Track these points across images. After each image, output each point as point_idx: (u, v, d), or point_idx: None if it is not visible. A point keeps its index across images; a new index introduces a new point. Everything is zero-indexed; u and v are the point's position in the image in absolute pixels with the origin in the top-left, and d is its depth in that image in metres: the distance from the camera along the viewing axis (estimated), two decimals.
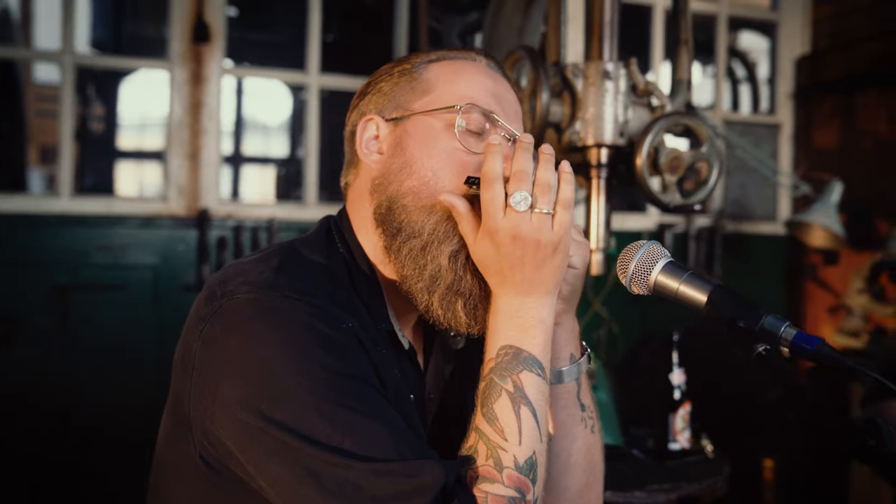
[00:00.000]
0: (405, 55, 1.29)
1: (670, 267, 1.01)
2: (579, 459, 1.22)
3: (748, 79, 5.26)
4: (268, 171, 4.86)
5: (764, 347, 0.90)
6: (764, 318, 0.92)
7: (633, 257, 1.02)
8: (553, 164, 1.06)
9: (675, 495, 1.78)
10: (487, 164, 1.05)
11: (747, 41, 5.49)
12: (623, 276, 1.04)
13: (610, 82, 2.02)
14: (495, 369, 1.04)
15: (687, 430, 2.02)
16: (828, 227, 3.51)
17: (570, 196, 1.05)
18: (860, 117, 3.85)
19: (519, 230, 1.02)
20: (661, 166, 2.02)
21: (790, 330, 0.92)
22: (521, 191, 1.03)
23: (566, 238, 1.05)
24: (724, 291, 0.96)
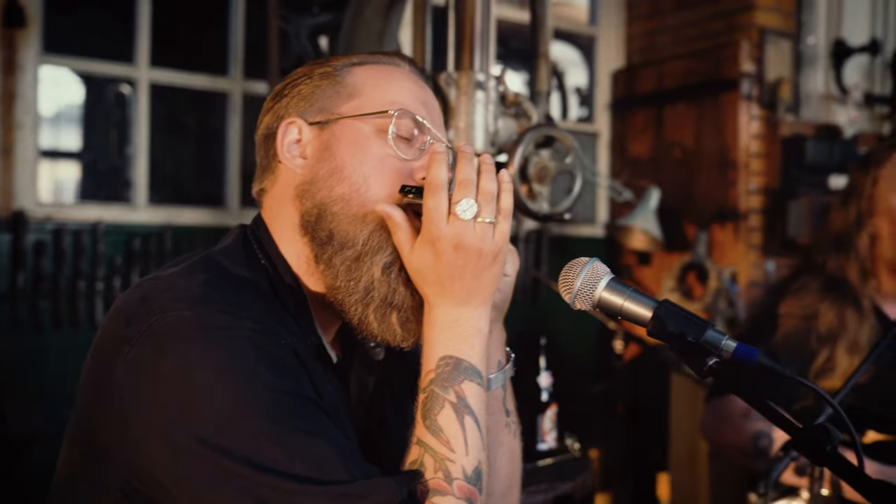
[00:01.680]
0: (322, 58, 1.25)
1: (614, 284, 1.04)
2: (504, 464, 1.24)
3: (558, 87, 5.56)
4: (93, 170, 4.48)
5: (715, 361, 0.95)
6: (707, 332, 0.98)
7: (577, 275, 1.05)
8: (494, 174, 1.06)
9: (552, 494, 1.85)
10: (434, 172, 1.03)
11: (557, 51, 5.79)
12: (567, 293, 1.06)
13: (482, 92, 2.06)
14: (436, 380, 1.03)
15: (554, 430, 2.10)
16: (647, 230, 3.78)
17: (510, 206, 1.06)
18: (669, 129, 4.18)
19: (462, 239, 1.02)
20: (529, 176, 2.09)
21: (730, 343, 0.98)
22: (467, 199, 1.02)
23: (505, 247, 1.06)
24: (669, 307, 1.00)
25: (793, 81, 3.97)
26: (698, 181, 4.03)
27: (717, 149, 3.94)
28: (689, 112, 4.08)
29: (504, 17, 3.95)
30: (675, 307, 1.01)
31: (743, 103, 3.84)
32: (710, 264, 3.86)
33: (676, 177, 4.11)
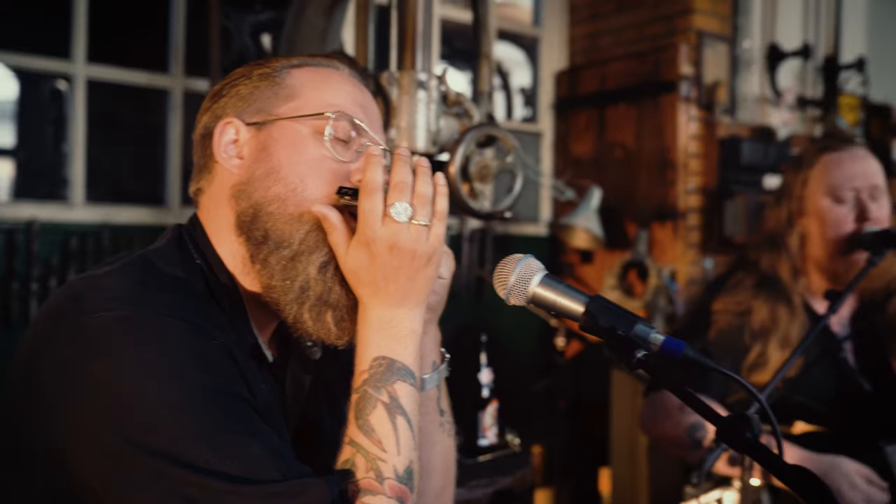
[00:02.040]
0: (262, 59, 1.25)
1: (548, 280, 1.07)
2: (438, 464, 1.26)
3: (503, 88, 5.61)
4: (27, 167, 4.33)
5: (643, 353, 0.98)
6: (636, 326, 1.01)
7: (511, 271, 1.07)
8: (430, 178, 1.08)
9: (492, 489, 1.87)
10: (369, 174, 1.05)
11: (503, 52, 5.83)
12: (501, 289, 1.08)
13: (423, 92, 2.07)
14: (369, 381, 1.04)
15: (495, 426, 2.13)
16: (589, 229, 3.84)
17: (445, 209, 1.08)
18: (611, 129, 4.25)
19: (397, 240, 1.03)
20: (470, 175, 2.11)
21: (658, 336, 1.01)
22: (401, 201, 1.04)
23: (440, 249, 1.08)
24: (600, 302, 1.03)
25: (729, 84, 4.07)
26: (639, 181, 4.11)
27: (656, 149, 4.02)
28: (630, 113, 4.15)
29: (448, 18, 3.98)
30: (606, 302, 1.04)
31: (682, 105, 3.92)
32: (650, 262, 3.94)
33: (618, 176, 4.19)
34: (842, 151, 2.18)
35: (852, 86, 4.46)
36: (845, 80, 4.44)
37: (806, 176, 2.21)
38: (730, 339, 2.21)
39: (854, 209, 2.12)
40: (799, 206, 2.21)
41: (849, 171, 2.14)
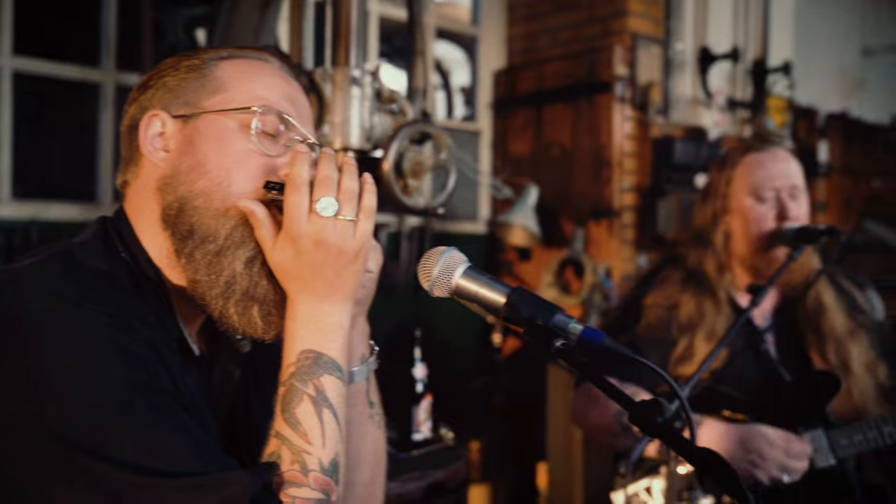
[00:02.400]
0: (191, 50, 1.24)
1: (470, 271, 1.09)
2: (367, 455, 1.27)
3: (443, 87, 5.64)
4: None
5: (561, 342, 1.01)
6: (555, 316, 1.04)
7: (435, 263, 1.09)
8: (357, 174, 1.09)
9: (426, 482, 1.89)
10: (295, 169, 1.05)
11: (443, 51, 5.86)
12: (425, 281, 1.10)
13: (357, 88, 2.08)
14: (296, 374, 1.05)
15: (429, 420, 2.14)
16: (526, 226, 3.88)
17: (373, 204, 1.09)
18: (548, 128, 4.31)
19: (323, 235, 1.04)
20: (404, 171, 2.13)
21: (577, 325, 1.04)
22: (327, 196, 1.04)
23: (367, 245, 1.09)
24: (522, 292, 1.06)
25: (663, 85, 4.16)
26: (575, 179, 4.18)
27: (592, 148, 4.09)
28: (567, 113, 4.22)
29: (387, 16, 3.98)
30: (527, 293, 1.07)
31: (616, 105, 4.00)
32: (586, 260, 4.01)
33: (555, 175, 4.24)
34: (764, 152, 2.26)
35: (779, 88, 4.60)
36: (773, 83, 4.58)
37: (730, 175, 2.29)
38: (658, 332, 2.27)
39: (774, 208, 2.20)
40: (723, 204, 2.29)
41: (770, 172, 2.22)
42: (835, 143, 6.04)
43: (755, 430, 2.00)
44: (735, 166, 2.29)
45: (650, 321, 2.30)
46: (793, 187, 2.21)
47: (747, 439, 1.99)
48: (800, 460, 1.99)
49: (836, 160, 6.07)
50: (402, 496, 1.85)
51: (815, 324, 2.27)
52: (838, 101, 6.09)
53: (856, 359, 2.22)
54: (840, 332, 2.25)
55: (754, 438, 1.99)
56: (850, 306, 2.33)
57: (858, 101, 6.33)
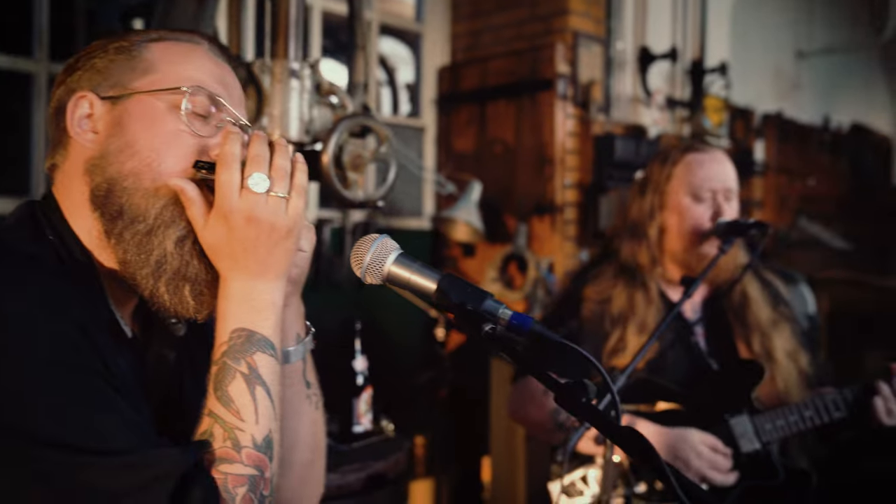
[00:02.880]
0: (120, 31, 1.23)
1: (402, 258, 1.10)
2: (305, 435, 1.28)
3: (389, 83, 5.64)
4: None
5: (490, 327, 1.02)
6: (485, 301, 1.05)
7: (367, 250, 1.10)
8: (288, 152, 1.10)
9: (365, 474, 1.90)
10: (226, 147, 1.06)
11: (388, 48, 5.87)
12: (358, 268, 1.11)
13: (296, 81, 2.08)
14: (228, 352, 1.06)
15: (370, 412, 2.15)
16: (469, 222, 3.91)
17: (304, 183, 1.10)
18: (492, 125, 4.34)
19: (254, 212, 1.05)
20: (344, 164, 2.13)
21: (507, 311, 1.06)
22: (259, 172, 1.05)
23: (299, 222, 1.10)
24: (452, 279, 1.07)
25: (604, 84, 4.23)
26: (519, 176, 4.22)
27: (535, 145, 4.13)
28: (510, 110, 4.25)
29: (330, 10, 3.97)
30: (457, 279, 1.08)
31: (559, 102, 4.05)
32: (529, 255, 4.05)
33: (498, 171, 4.28)
34: (705, 153, 2.32)
35: (716, 88, 4.71)
36: (710, 83, 4.68)
37: (670, 172, 2.33)
38: (593, 326, 2.32)
39: (710, 208, 2.26)
40: (661, 200, 2.33)
41: (709, 173, 2.27)
42: (770, 142, 6.21)
43: (685, 439, 2.07)
44: (676, 164, 2.34)
45: (585, 315, 2.34)
46: (728, 190, 2.27)
47: (676, 446, 2.06)
48: (722, 474, 2.06)
49: (772, 159, 6.24)
50: (342, 487, 1.85)
51: (741, 316, 2.34)
52: (774, 102, 6.26)
53: (779, 348, 2.31)
54: (764, 323, 2.33)
55: (683, 447, 2.06)
56: (773, 298, 2.41)
57: (793, 103, 6.52)
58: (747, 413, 2.16)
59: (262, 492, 1.03)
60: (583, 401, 0.94)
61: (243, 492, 1.00)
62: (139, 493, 0.93)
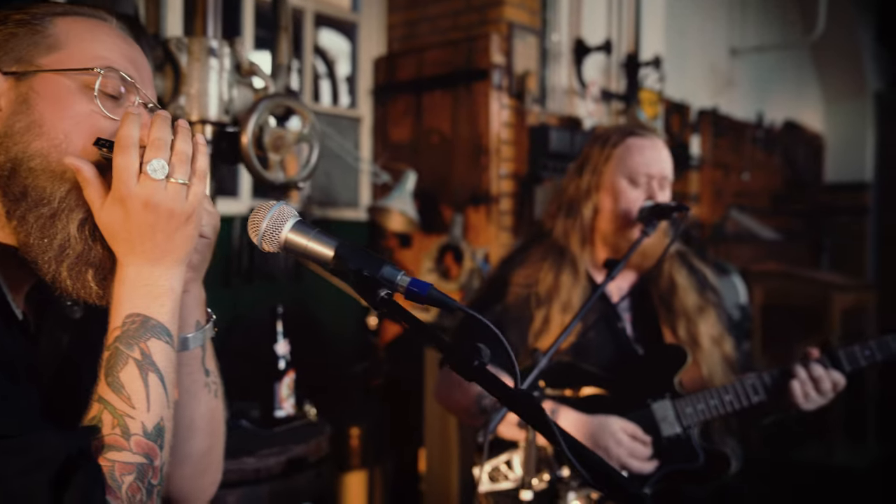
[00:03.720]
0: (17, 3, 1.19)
1: (299, 225, 1.08)
2: (203, 424, 1.25)
3: (328, 75, 5.59)
4: None
5: (386, 292, 1.01)
6: (383, 268, 1.04)
7: (264, 217, 1.07)
8: (190, 137, 1.07)
9: (285, 457, 1.87)
10: (124, 130, 1.02)
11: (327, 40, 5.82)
12: (254, 235, 1.08)
13: (215, 59, 2.04)
14: (121, 338, 1.03)
15: (292, 397, 2.12)
16: (404, 211, 3.89)
17: (205, 168, 1.08)
18: (428, 115, 4.33)
19: (153, 198, 1.02)
20: (265, 145, 2.10)
21: (405, 278, 1.05)
22: (158, 159, 1.02)
23: (199, 209, 1.07)
24: (349, 246, 1.06)
25: (539, 75, 4.25)
26: (455, 166, 4.22)
27: (471, 135, 4.13)
28: (446, 100, 4.25)
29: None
30: (355, 246, 1.06)
31: (494, 93, 4.06)
32: (465, 245, 4.05)
33: (435, 162, 4.27)
34: (645, 139, 2.33)
35: (650, 82, 4.77)
36: (645, 77, 4.74)
37: (610, 153, 2.34)
38: (519, 310, 2.32)
39: (644, 193, 2.28)
40: (598, 180, 2.34)
41: (648, 158, 2.29)
42: (706, 137, 6.33)
43: (607, 427, 2.08)
44: (616, 146, 2.34)
45: (512, 300, 2.34)
46: (663, 177, 2.29)
47: (596, 434, 2.08)
48: (641, 462, 2.08)
49: (708, 154, 6.36)
50: (260, 471, 1.82)
51: (667, 302, 2.37)
52: (709, 98, 6.38)
53: (704, 334, 2.33)
54: (690, 309, 2.36)
55: (603, 435, 2.07)
56: (700, 284, 2.44)
57: (728, 99, 6.66)
58: (669, 397, 2.18)
59: (151, 480, 1.00)
60: (475, 363, 0.93)
61: (130, 480, 0.97)
62: (19, 477, 0.89)
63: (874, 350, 2.16)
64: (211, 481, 1.29)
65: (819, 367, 2.12)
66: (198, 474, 1.25)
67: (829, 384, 2.12)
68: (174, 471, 1.22)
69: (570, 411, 2.14)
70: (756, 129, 6.91)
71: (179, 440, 1.21)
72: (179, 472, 1.23)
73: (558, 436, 0.84)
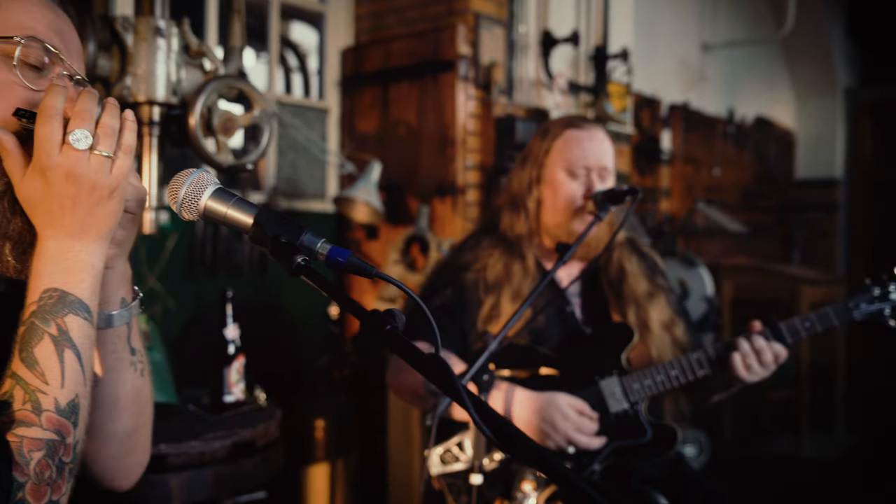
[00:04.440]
0: None
1: (220, 193, 1.07)
2: (128, 403, 1.22)
3: (300, 69, 5.57)
4: None
5: (303, 259, 1.00)
6: (303, 235, 1.03)
7: (182, 183, 1.06)
8: (118, 112, 1.06)
9: (230, 441, 1.85)
10: (47, 100, 1.00)
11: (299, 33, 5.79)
12: (173, 202, 1.07)
13: (162, 39, 2.01)
14: (37, 313, 1.00)
15: (241, 382, 2.10)
16: (369, 202, 3.88)
17: (132, 143, 1.06)
18: (394, 107, 4.32)
19: (75, 169, 1.00)
20: (214, 127, 2.08)
21: (326, 245, 1.04)
22: (82, 129, 1.00)
23: (124, 184, 1.05)
24: (270, 212, 1.04)
25: (506, 66, 4.25)
26: (421, 157, 4.20)
27: (437, 127, 4.12)
28: (413, 91, 4.24)
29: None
30: (277, 213, 1.06)
31: (460, 84, 4.05)
32: (431, 237, 4.04)
33: (401, 153, 4.26)
34: (583, 130, 2.34)
35: (618, 74, 4.78)
36: (613, 69, 4.75)
37: (549, 146, 2.36)
38: (468, 294, 2.32)
39: (583, 186, 2.28)
40: (539, 173, 2.36)
41: (586, 150, 2.30)
42: (677, 132, 6.36)
43: (554, 403, 2.10)
44: (555, 139, 2.36)
45: (462, 284, 2.34)
46: (602, 168, 2.30)
47: (544, 409, 2.09)
48: (587, 437, 2.09)
49: (679, 149, 6.39)
50: (205, 454, 1.80)
51: (617, 288, 2.39)
52: (680, 93, 6.41)
53: (654, 319, 2.35)
54: (640, 295, 2.38)
55: (550, 409, 2.09)
56: (650, 270, 2.46)
57: (699, 94, 6.69)
58: (617, 374, 2.20)
59: (63, 458, 0.98)
60: (388, 328, 0.92)
61: (39, 456, 0.95)
62: None
63: (814, 321, 2.19)
64: (137, 462, 1.27)
65: (761, 339, 2.15)
66: (123, 455, 1.23)
67: (771, 356, 2.14)
68: (99, 451, 1.20)
69: (521, 390, 2.15)
70: (727, 125, 6.95)
71: (104, 419, 1.19)
72: (105, 452, 1.21)
73: (466, 399, 0.83)
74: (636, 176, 5.70)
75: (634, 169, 5.61)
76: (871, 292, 2.22)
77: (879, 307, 2.20)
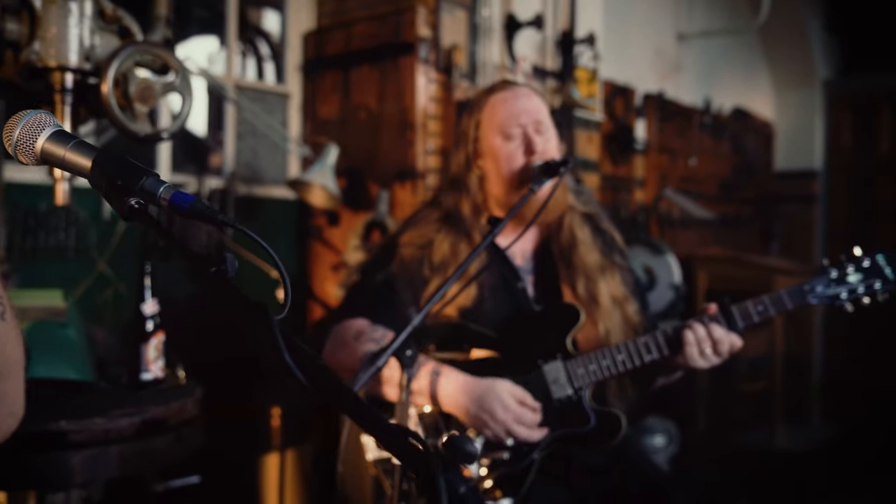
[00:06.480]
0: None
1: (58, 135, 1.00)
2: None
3: (272, 57, 5.49)
4: None
5: (136, 201, 0.93)
6: (145, 180, 0.96)
7: (17, 124, 0.99)
8: None
9: (140, 418, 1.78)
10: None
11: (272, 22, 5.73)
12: (9, 145, 1.00)
13: (74, 3, 1.94)
14: None
15: (161, 359, 2.03)
16: (325, 186, 3.81)
17: None
18: (355, 92, 4.25)
19: None
20: (131, 96, 2.00)
21: (168, 190, 0.97)
22: None
23: None
24: (110, 155, 0.97)
25: (468, 49, 4.18)
26: (382, 142, 4.13)
27: (398, 111, 4.05)
28: (374, 75, 4.17)
29: None
30: (118, 157, 0.99)
31: (420, 67, 3.98)
32: (391, 222, 3.97)
33: (362, 138, 4.19)
34: (506, 91, 2.29)
35: (585, 60, 4.72)
36: (579, 54, 4.69)
37: (478, 119, 2.31)
38: (411, 269, 2.26)
39: (522, 144, 2.23)
40: (475, 148, 2.31)
41: (514, 109, 2.24)
42: (651, 122, 6.29)
43: (494, 391, 2.01)
44: (482, 109, 2.32)
45: (403, 258, 2.29)
46: (537, 122, 2.24)
47: (483, 398, 2.01)
48: (528, 429, 2.02)
49: (654, 138, 6.32)
50: (110, 431, 1.73)
51: (567, 257, 2.31)
52: (655, 83, 6.34)
53: (604, 293, 2.28)
54: (591, 266, 2.30)
55: (490, 399, 2.00)
56: (607, 246, 2.39)
57: (675, 84, 6.62)
58: (561, 358, 2.13)
59: None
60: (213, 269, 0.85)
61: None
62: None
63: (767, 305, 2.13)
64: (7, 412, 1.20)
65: (720, 328, 2.08)
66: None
67: (728, 346, 2.07)
68: None
69: (456, 373, 2.08)
70: (703, 115, 6.89)
71: None
72: None
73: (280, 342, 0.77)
74: (609, 164, 5.64)
75: (607, 157, 5.54)
76: (828, 275, 2.16)
77: (836, 291, 2.13)
